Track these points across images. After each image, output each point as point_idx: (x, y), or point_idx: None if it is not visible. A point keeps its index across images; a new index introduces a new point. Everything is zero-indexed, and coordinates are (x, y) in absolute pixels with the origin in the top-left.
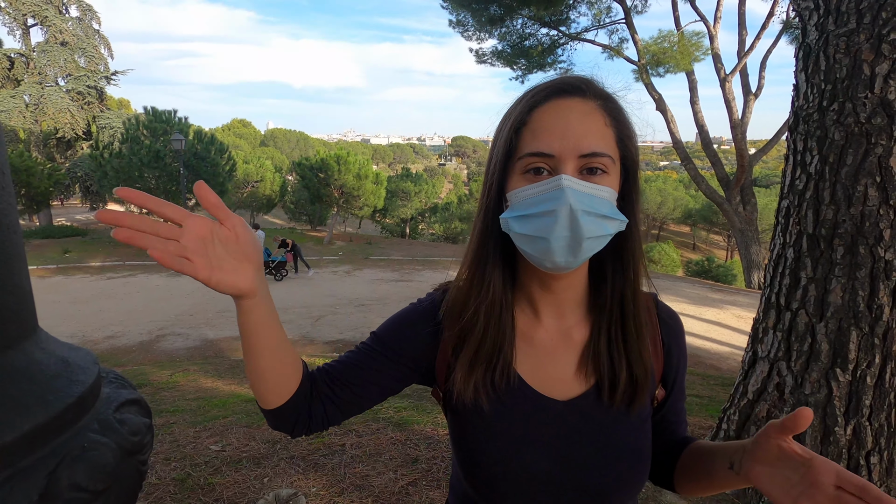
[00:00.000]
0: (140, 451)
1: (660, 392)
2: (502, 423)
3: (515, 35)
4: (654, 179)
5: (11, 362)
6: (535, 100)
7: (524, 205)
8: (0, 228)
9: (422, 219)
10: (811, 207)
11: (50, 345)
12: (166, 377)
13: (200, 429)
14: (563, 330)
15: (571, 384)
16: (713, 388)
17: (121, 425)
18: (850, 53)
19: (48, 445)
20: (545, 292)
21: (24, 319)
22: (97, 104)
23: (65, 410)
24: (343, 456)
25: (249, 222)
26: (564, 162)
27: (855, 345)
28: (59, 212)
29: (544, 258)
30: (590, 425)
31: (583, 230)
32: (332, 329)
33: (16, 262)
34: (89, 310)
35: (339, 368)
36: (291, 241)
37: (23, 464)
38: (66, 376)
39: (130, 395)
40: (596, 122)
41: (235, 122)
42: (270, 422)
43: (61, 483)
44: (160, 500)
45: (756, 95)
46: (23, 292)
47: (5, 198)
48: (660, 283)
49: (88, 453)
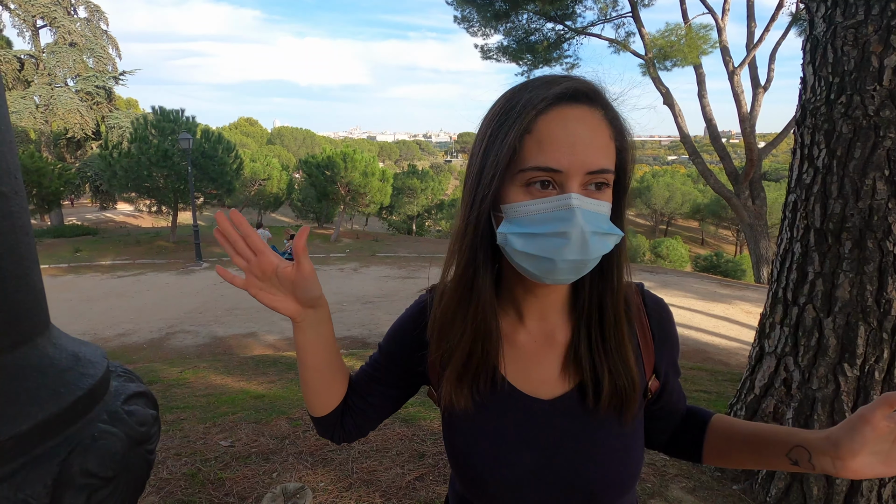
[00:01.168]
0: (147, 441)
1: (653, 383)
2: (488, 423)
3: (521, 30)
4: (661, 174)
5: (26, 357)
6: (540, 106)
7: (528, 221)
8: (14, 231)
9: (428, 216)
10: (819, 202)
11: (61, 340)
12: (176, 374)
13: (210, 425)
14: (545, 332)
15: (555, 384)
16: (721, 383)
17: (129, 416)
18: (859, 45)
19: (60, 435)
20: (530, 297)
21: (37, 317)
22: (106, 104)
23: (76, 402)
24: (350, 451)
25: (255, 221)
26: (572, 178)
27: (863, 340)
28: (70, 211)
29: (545, 276)
30: (575, 425)
31: (591, 252)
32: (340, 326)
33: (28, 262)
34: (100, 308)
35: (358, 381)
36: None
37: (37, 452)
38: (77, 370)
39: (138, 388)
40: (602, 136)
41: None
42: (316, 428)
43: (73, 470)
44: (171, 494)
45: (765, 88)
46: (35, 291)
47: (17, 201)
48: (668, 278)
49: (98, 442)
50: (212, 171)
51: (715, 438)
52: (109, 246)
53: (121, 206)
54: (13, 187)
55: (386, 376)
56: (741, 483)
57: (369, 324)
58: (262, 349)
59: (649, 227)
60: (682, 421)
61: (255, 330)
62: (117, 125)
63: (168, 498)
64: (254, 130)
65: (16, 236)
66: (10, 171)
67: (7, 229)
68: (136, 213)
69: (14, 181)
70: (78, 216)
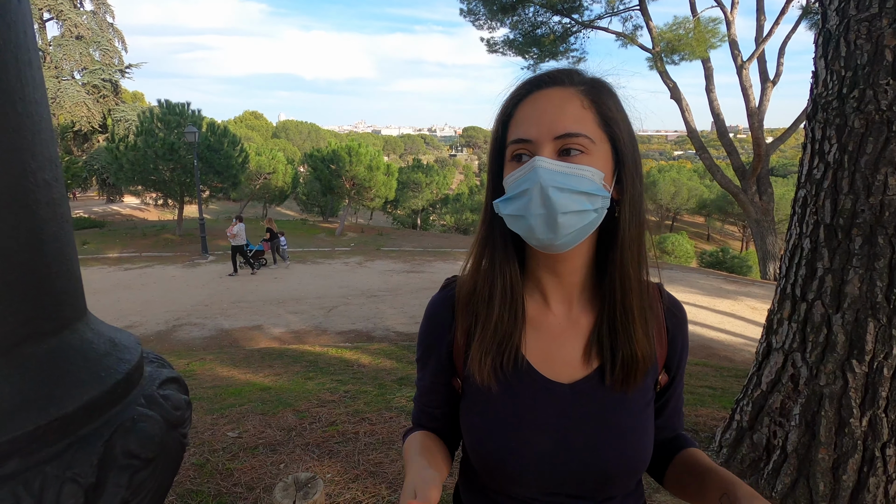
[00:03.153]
0: (181, 425)
1: (663, 377)
2: (508, 405)
3: (527, 23)
4: (668, 169)
5: (68, 342)
6: (519, 93)
7: (510, 188)
8: (55, 219)
9: (433, 210)
10: (829, 197)
11: (98, 326)
12: (183, 366)
13: (217, 416)
14: (571, 317)
15: (577, 368)
16: (726, 379)
17: (164, 400)
18: (872, 39)
19: (103, 417)
20: (552, 277)
21: (77, 303)
22: (112, 97)
23: (115, 385)
24: (357, 443)
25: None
26: (541, 145)
27: (872, 336)
28: (76, 204)
29: (529, 236)
30: (592, 407)
31: (555, 206)
32: (345, 319)
33: (69, 250)
34: (108, 300)
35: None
36: (272, 231)
37: (82, 432)
38: (115, 355)
39: (171, 374)
40: (572, 105)
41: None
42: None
43: (116, 450)
44: (180, 484)
45: (774, 83)
46: (75, 278)
47: (59, 189)
48: (673, 274)
49: (138, 425)
50: (217, 165)
51: (678, 467)
52: (116, 239)
53: (127, 199)
54: (55, 175)
55: (433, 380)
56: (747, 478)
57: (374, 317)
58: (268, 342)
59: (655, 222)
60: (669, 440)
61: (260, 323)
62: (123, 118)
63: (177, 488)
64: (259, 124)
65: (58, 224)
66: (53, 159)
67: (49, 217)
68: (142, 206)
69: (55, 169)
70: (85, 209)
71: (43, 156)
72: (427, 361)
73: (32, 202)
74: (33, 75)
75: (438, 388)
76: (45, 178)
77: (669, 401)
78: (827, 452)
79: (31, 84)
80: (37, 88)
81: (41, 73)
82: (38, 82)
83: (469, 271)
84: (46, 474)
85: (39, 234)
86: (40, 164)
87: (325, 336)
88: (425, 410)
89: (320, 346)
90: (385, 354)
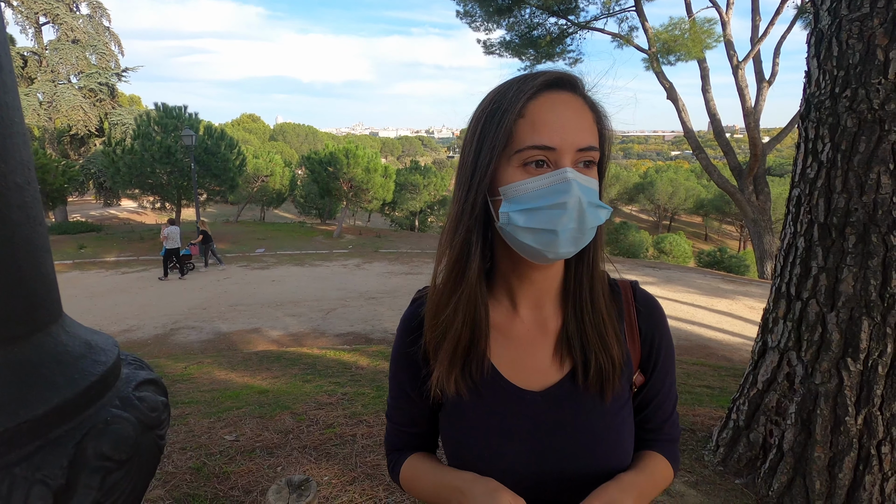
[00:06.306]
0: (158, 427)
1: (638, 377)
2: (480, 416)
3: (524, 25)
4: (665, 169)
5: (41, 344)
6: (530, 92)
7: (528, 198)
8: (28, 221)
9: (431, 211)
10: (822, 196)
11: (74, 329)
12: (181, 369)
13: (215, 419)
14: (539, 321)
15: (548, 373)
16: (724, 378)
17: (140, 402)
18: (864, 38)
19: (75, 419)
20: (525, 284)
21: (50, 305)
22: (109, 101)
23: (89, 387)
24: (354, 446)
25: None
26: (565, 155)
27: (866, 334)
28: (73, 208)
29: (547, 250)
30: (566, 413)
31: (588, 221)
32: (343, 322)
33: (42, 253)
34: (105, 304)
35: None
36: (205, 234)
37: (53, 435)
38: (90, 357)
39: (148, 376)
40: (587, 119)
41: (245, 117)
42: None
43: (88, 452)
44: (177, 487)
45: (770, 83)
46: (49, 280)
47: (31, 192)
48: (671, 273)
49: (112, 426)
50: (215, 168)
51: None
52: (113, 242)
53: (124, 203)
54: (27, 178)
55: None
56: (744, 477)
57: (372, 319)
58: (266, 345)
59: (652, 222)
60: (647, 442)
61: (258, 326)
62: (120, 122)
63: (174, 491)
64: (256, 127)
65: (30, 226)
66: (24, 162)
67: (22, 220)
68: (139, 209)
69: (28, 172)
70: (82, 213)
71: (14, 159)
72: (401, 378)
73: (3, 205)
74: (4, 79)
75: (414, 403)
76: (17, 182)
77: (652, 399)
78: (823, 451)
79: (2, 88)
80: (7, 92)
81: (13, 77)
82: (9, 86)
83: (440, 285)
84: (15, 476)
85: (11, 237)
86: (11, 168)
87: (324, 338)
88: (403, 430)
89: (318, 349)
90: (383, 356)
